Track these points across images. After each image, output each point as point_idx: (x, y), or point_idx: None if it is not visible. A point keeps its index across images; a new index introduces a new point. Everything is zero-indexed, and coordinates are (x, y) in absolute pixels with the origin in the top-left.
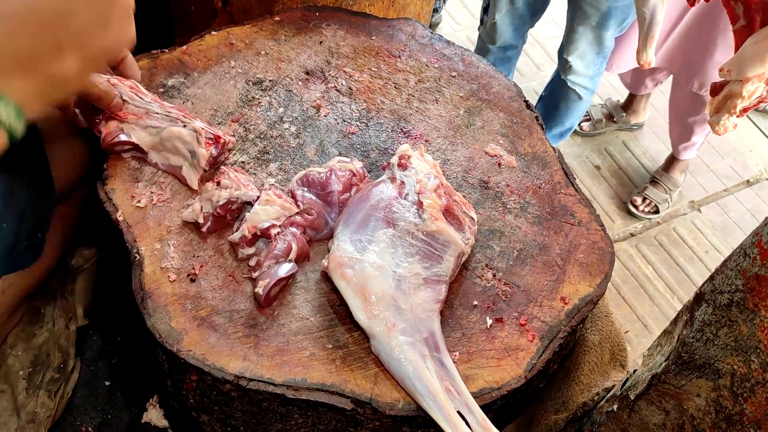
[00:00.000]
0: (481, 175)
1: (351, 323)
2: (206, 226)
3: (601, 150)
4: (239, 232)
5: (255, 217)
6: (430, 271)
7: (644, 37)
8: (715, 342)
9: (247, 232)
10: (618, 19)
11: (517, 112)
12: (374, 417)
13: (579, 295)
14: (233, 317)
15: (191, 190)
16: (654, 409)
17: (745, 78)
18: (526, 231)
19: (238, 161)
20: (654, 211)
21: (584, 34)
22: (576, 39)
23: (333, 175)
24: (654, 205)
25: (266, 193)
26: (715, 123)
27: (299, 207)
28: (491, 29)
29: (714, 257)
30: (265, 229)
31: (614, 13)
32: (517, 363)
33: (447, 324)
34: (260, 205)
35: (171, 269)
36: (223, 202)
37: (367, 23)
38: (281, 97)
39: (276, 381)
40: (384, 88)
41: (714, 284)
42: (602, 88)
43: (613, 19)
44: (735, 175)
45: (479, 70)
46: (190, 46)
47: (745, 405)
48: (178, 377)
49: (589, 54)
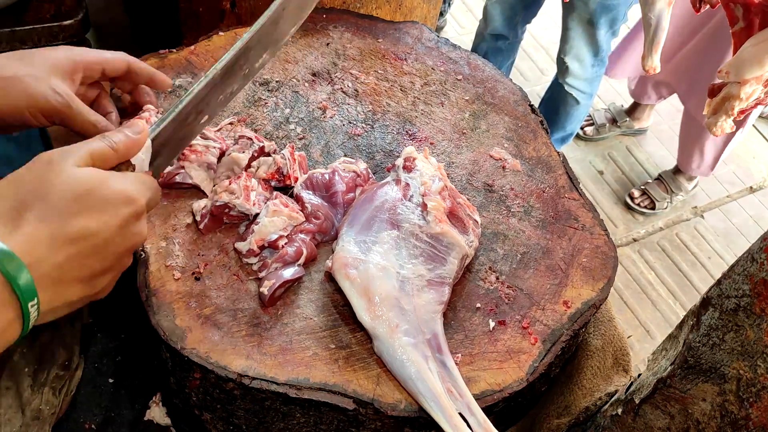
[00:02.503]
0: (486, 179)
1: (354, 324)
2: (203, 224)
3: (605, 155)
4: (246, 244)
5: (263, 230)
6: (433, 273)
7: (650, 43)
8: (722, 346)
9: (254, 246)
10: (608, 17)
11: (522, 116)
12: (376, 417)
13: (582, 299)
14: (237, 316)
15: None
16: (659, 414)
17: (743, 80)
18: (529, 234)
19: None
20: (650, 207)
21: (576, 30)
22: (570, 37)
23: (336, 175)
24: (651, 200)
25: (273, 203)
26: (713, 124)
27: (306, 210)
28: (484, 13)
29: (716, 263)
30: (273, 241)
31: (603, 11)
32: (519, 366)
33: (450, 326)
34: (267, 216)
35: (176, 267)
36: (220, 204)
37: (374, 26)
38: (287, 98)
39: (279, 380)
40: (390, 91)
41: (721, 289)
42: (606, 93)
43: (603, 17)
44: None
45: (485, 73)
46: (197, 47)
47: (750, 410)
48: (182, 375)
49: (585, 56)
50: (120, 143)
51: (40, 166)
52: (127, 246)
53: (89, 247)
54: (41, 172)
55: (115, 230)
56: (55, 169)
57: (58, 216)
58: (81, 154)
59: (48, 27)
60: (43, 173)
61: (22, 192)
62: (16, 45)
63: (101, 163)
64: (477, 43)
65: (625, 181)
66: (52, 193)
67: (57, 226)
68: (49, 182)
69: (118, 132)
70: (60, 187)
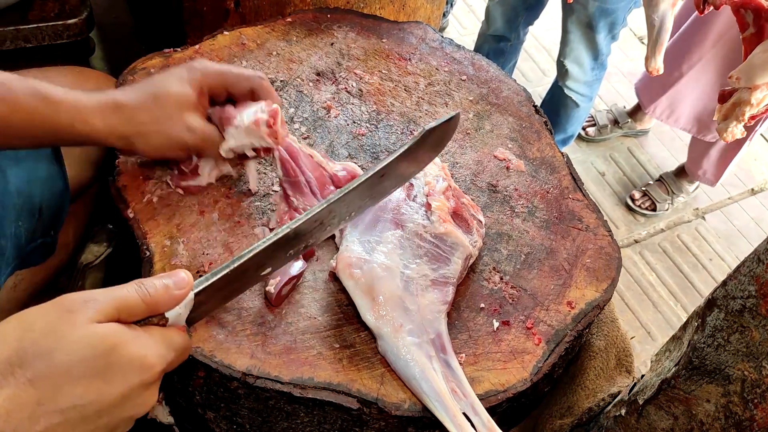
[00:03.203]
0: (490, 179)
1: (358, 323)
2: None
3: (606, 156)
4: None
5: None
6: (437, 273)
7: (653, 44)
8: (727, 347)
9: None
10: (606, 21)
11: (526, 116)
12: (380, 417)
13: (585, 300)
14: (241, 315)
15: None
16: (663, 414)
17: (753, 85)
18: (533, 235)
19: None
20: (651, 208)
21: (575, 33)
22: (570, 40)
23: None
24: (652, 202)
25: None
26: (723, 130)
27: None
28: (486, 14)
29: (718, 265)
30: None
31: (601, 15)
32: (523, 366)
33: (454, 326)
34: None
35: (180, 266)
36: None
37: (378, 26)
38: (292, 97)
39: (283, 379)
40: (394, 91)
41: (726, 290)
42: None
43: (602, 21)
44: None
45: (489, 74)
46: (202, 46)
47: (755, 411)
48: (185, 374)
49: (585, 59)
50: (155, 296)
51: (56, 313)
52: (125, 416)
53: (78, 417)
54: (55, 322)
55: (115, 400)
56: (71, 322)
57: (53, 381)
58: (105, 305)
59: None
60: (57, 324)
61: (27, 341)
62: (20, 43)
63: (127, 315)
64: (479, 44)
65: (627, 183)
66: (58, 351)
67: (48, 394)
68: (59, 337)
69: (158, 281)
70: (69, 346)
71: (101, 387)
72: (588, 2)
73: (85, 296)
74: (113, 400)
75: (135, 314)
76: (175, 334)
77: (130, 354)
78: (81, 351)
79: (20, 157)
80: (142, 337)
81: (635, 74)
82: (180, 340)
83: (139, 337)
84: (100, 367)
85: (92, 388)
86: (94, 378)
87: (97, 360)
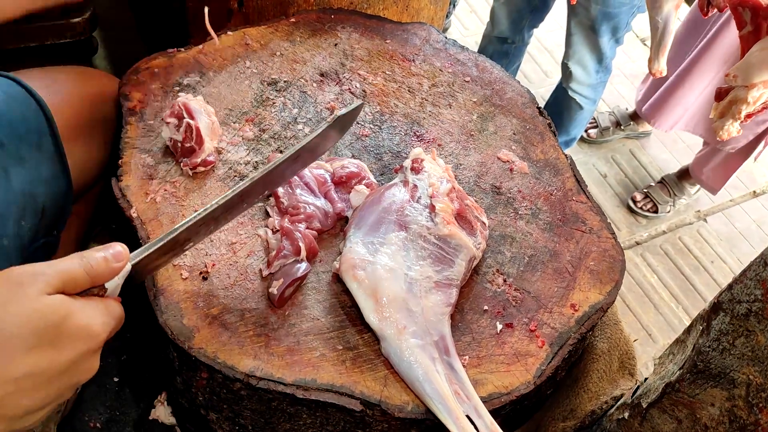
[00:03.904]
0: (494, 181)
1: (362, 325)
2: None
3: (608, 158)
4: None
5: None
6: (441, 275)
7: (657, 46)
8: (732, 351)
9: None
10: (609, 25)
11: (530, 118)
12: (383, 419)
13: (589, 303)
14: (244, 316)
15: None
16: (666, 418)
17: (750, 84)
18: (537, 237)
19: (252, 161)
20: (653, 210)
21: (579, 36)
22: (573, 43)
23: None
24: (654, 204)
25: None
26: (719, 128)
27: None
28: (491, 15)
29: (719, 267)
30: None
31: (604, 19)
32: (526, 368)
33: (457, 328)
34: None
35: (183, 267)
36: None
37: (381, 26)
38: (296, 98)
39: (286, 380)
40: (398, 92)
41: (732, 293)
42: (610, 96)
43: (604, 24)
44: (741, 186)
45: (493, 75)
46: (206, 46)
47: (760, 415)
48: (189, 375)
49: (589, 62)
50: (97, 268)
51: (6, 286)
52: (72, 382)
53: (30, 385)
54: (6, 295)
55: (65, 366)
56: (21, 294)
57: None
58: (53, 278)
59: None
60: (8, 297)
61: None
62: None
63: (72, 286)
64: (483, 45)
65: (629, 185)
66: (9, 323)
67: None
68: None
69: (98, 253)
70: (20, 318)
71: (53, 356)
72: (590, 5)
73: (33, 269)
74: (63, 367)
75: (79, 286)
76: (114, 304)
77: (78, 324)
78: (33, 322)
79: (24, 156)
80: (87, 308)
81: (637, 76)
82: (119, 309)
83: (84, 307)
84: (52, 336)
85: (44, 357)
86: (47, 347)
87: (49, 330)
